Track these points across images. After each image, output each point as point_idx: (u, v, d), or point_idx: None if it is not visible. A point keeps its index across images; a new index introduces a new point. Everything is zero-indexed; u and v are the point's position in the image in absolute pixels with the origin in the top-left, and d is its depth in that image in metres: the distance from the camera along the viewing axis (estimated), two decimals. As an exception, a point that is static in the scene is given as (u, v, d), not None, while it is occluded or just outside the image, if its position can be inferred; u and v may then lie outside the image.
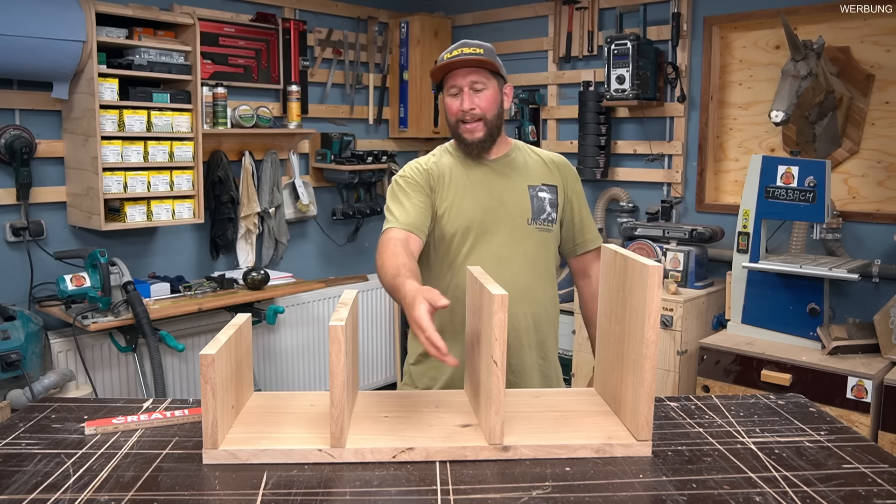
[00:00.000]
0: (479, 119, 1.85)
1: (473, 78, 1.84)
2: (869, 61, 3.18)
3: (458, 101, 1.85)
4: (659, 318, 1.24)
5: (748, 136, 3.57)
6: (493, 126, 1.87)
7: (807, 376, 2.74)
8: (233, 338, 1.33)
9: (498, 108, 1.88)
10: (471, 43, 1.88)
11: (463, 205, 1.87)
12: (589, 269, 2.03)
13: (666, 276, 3.30)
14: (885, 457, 1.28)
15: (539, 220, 1.91)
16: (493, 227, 1.87)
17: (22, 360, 2.69)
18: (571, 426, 1.36)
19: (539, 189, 1.93)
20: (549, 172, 1.97)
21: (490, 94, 1.86)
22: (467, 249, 1.87)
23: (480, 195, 1.89)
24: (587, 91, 3.82)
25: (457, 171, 1.91)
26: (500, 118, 1.90)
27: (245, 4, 3.79)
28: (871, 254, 3.09)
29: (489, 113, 1.86)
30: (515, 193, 1.90)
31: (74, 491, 1.13)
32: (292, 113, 3.86)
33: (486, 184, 1.90)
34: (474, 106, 1.84)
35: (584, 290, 2.05)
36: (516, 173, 1.93)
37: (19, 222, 3.09)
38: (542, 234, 1.92)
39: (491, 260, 1.84)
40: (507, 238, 1.88)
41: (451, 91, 1.87)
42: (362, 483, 1.17)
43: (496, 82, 1.88)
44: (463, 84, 1.84)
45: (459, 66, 1.84)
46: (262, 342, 3.84)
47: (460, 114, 1.85)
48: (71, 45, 2.87)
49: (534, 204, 1.91)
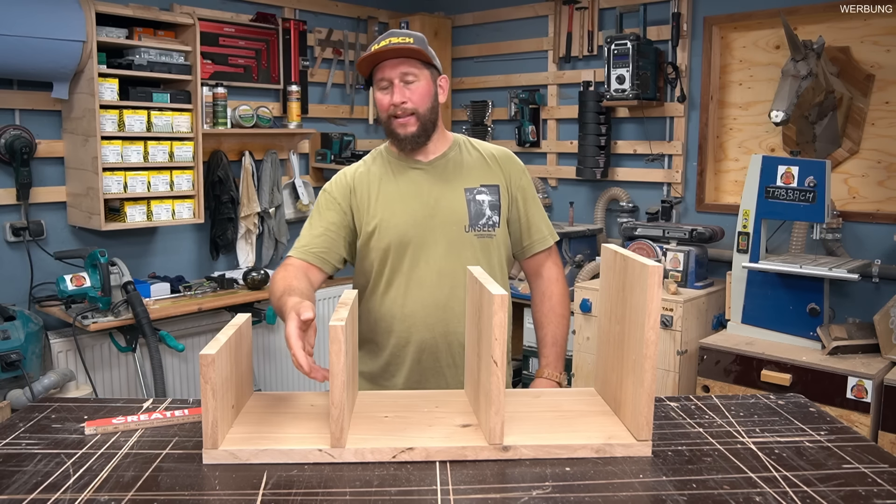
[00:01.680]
0: (411, 113, 1.73)
1: (403, 69, 1.72)
2: (869, 61, 3.17)
3: (389, 95, 1.73)
4: (659, 318, 1.23)
5: (748, 136, 3.57)
6: (426, 120, 1.76)
7: (807, 376, 2.74)
8: (233, 338, 1.33)
9: (432, 101, 1.76)
10: (399, 32, 1.77)
11: (394, 218, 1.77)
12: (541, 268, 1.91)
13: (666, 276, 3.30)
14: (885, 457, 1.28)
15: (478, 226, 1.79)
16: (429, 238, 1.77)
17: (22, 360, 2.69)
18: (571, 426, 1.36)
19: (477, 192, 1.80)
20: (489, 171, 1.84)
21: (422, 87, 1.74)
22: (407, 266, 1.77)
23: (413, 206, 1.78)
24: (587, 91, 3.82)
25: (387, 180, 1.81)
26: (434, 112, 1.78)
27: (245, 4, 3.79)
28: (871, 254, 3.09)
29: (422, 107, 1.74)
30: (450, 200, 1.78)
31: (74, 491, 1.13)
32: (292, 113, 3.86)
33: (418, 193, 1.79)
34: (405, 99, 1.72)
35: (535, 291, 1.92)
36: (452, 176, 1.81)
37: (19, 222, 3.09)
38: (482, 240, 1.79)
39: (431, 275, 1.76)
40: (445, 250, 1.77)
41: (380, 84, 1.75)
42: (362, 483, 1.17)
43: (429, 73, 1.76)
44: (392, 76, 1.72)
45: (387, 56, 1.71)
46: (262, 342, 3.84)
47: (391, 108, 1.73)
48: (71, 45, 2.87)
49: (471, 209, 1.79)
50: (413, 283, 1.77)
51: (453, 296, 1.76)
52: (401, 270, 1.78)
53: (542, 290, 1.90)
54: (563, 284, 1.93)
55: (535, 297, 1.92)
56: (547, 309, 1.89)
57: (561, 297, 1.90)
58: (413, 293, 1.77)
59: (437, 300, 1.77)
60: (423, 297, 1.77)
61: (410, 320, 1.78)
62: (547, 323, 1.88)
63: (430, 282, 1.77)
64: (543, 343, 1.88)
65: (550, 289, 1.90)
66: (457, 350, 1.79)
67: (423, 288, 1.77)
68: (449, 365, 1.80)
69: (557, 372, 1.85)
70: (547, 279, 1.90)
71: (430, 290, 1.77)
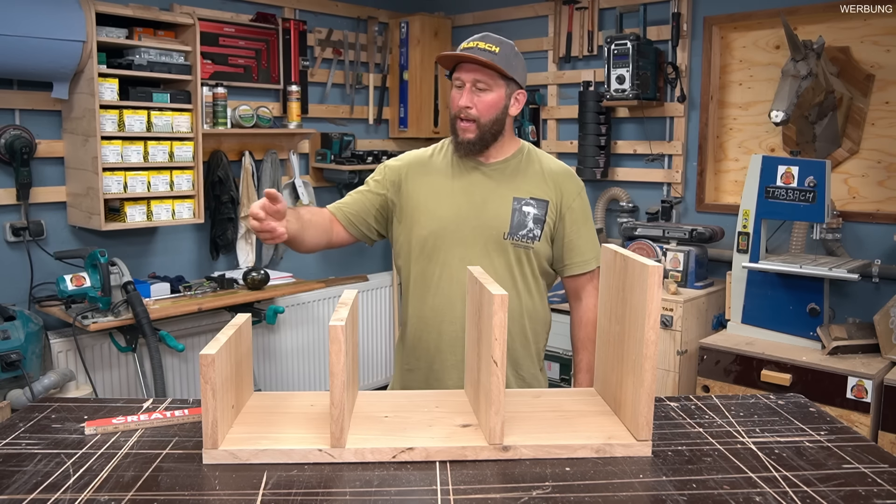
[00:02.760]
0: (473, 120, 1.78)
1: (479, 77, 1.76)
2: (869, 61, 3.18)
3: (459, 96, 1.79)
4: (659, 318, 1.23)
5: (748, 136, 3.57)
6: (486, 131, 1.79)
7: (807, 376, 2.74)
8: (233, 338, 1.33)
9: (497, 113, 1.79)
10: (492, 38, 1.79)
11: (438, 210, 1.82)
12: (581, 291, 1.92)
13: (666, 276, 3.30)
14: (885, 457, 1.28)
15: (517, 235, 1.82)
16: (467, 237, 1.81)
17: (22, 360, 2.69)
18: (571, 426, 1.36)
19: (525, 203, 1.83)
20: (543, 185, 1.86)
21: (492, 98, 1.77)
22: (442, 258, 1.81)
23: (459, 202, 1.82)
24: (587, 91, 3.82)
25: (443, 173, 1.86)
26: (498, 124, 1.80)
27: (245, 4, 3.79)
28: (871, 254, 3.09)
29: (485, 117, 1.77)
30: (497, 205, 1.82)
31: (74, 491, 1.13)
32: (292, 113, 3.86)
33: (469, 191, 1.83)
34: (471, 105, 1.77)
35: (573, 313, 1.95)
36: (505, 182, 1.84)
37: (19, 222, 3.09)
38: (517, 249, 1.82)
39: (463, 271, 1.78)
40: (481, 250, 1.81)
41: (456, 82, 1.80)
42: (362, 483, 1.17)
43: (504, 86, 1.79)
44: (466, 80, 1.77)
45: (467, 60, 1.77)
46: (262, 342, 3.84)
47: (457, 109, 1.79)
48: (71, 45, 2.87)
49: (514, 218, 1.82)
50: (445, 275, 1.82)
51: None
52: (436, 261, 1.83)
53: (579, 315, 1.94)
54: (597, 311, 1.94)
55: (574, 321, 1.96)
56: (584, 335, 1.93)
57: (594, 325, 1.91)
58: (444, 285, 1.82)
59: (464, 296, 1.80)
60: (450, 291, 1.82)
61: (438, 311, 1.83)
62: (582, 349, 1.93)
63: (460, 278, 1.80)
64: (578, 368, 1.94)
65: (587, 315, 1.93)
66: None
67: (452, 282, 1.82)
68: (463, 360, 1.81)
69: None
70: (585, 305, 1.93)
71: (459, 286, 1.81)
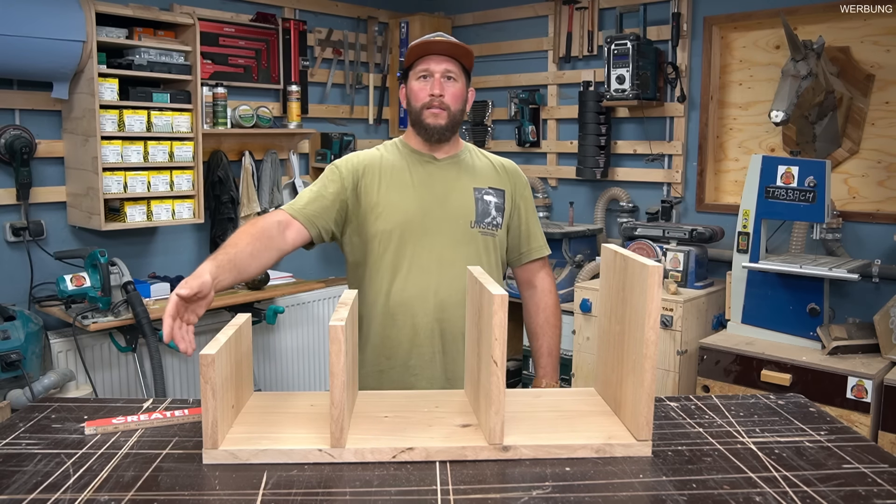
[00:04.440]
0: (444, 108, 1.80)
1: (448, 66, 1.79)
2: (869, 61, 3.17)
3: (428, 86, 1.79)
4: (659, 318, 1.24)
5: (748, 136, 3.57)
6: (454, 120, 1.82)
7: (807, 376, 2.74)
8: (233, 338, 1.33)
9: (462, 104, 1.84)
10: (446, 36, 1.84)
11: (402, 203, 1.81)
12: (534, 279, 1.96)
13: (666, 276, 3.30)
14: (885, 457, 1.28)
15: (483, 223, 1.84)
16: (433, 228, 1.81)
17: (22, 360, 2.69)
18: (571, 426, 1.36)
19: (485, 192, 1.86)
20: (497, 177, 1.91)
21: (459, 89, 1.81)
22: (410, 250, 1.80)
23: (422, 194, 1.82)
24: (587, 91, 3.82)
25: (400, 168, 1.85)
26: (461, 115, 1.84)
27: (245, 4, 3.79)
28: (871, 254, 3.09)
29: (454, 106, 1.81)
30: (460, 194, 1.84)
31: (74, 491, 1.13)
32: (292, 113, 3.86)
33: (429, 183, 1.84)
34: (443, 93, 1.78)
35: (529, 300, 1.97)
36: (463, 174, 1.87)
37: (19, 222, 3.09)
38: (485, 237, 1.85)
39: (432, 262, 1.80)
40: (448, 240, 1.81)
41: (420, 74, 1.80)
42: (362, 483, 1.17)
43: (465, 80, 1.84)
44: (436, 70, 1.79)
45: (438, 50, 1.79)
46: (262, 342, 3.84)
47: (428, 98, 1.79)
48: (71, 45, 2.87)
49: (478, 206, 1.84)
50: (414, 267, 1.80)
51: (451, 286, 1.79)
52: (404, 255, 1.80)
53: (536, 300, 1.95)
54: (556, 295, 1.98)
55: (530, 308, 1.97)
56: (542, 320, 1.93)
57: (555, 308, 1.95)
58: (413, 277, 1.80)
59: (436, 287, 1.80)
60: (422, 282, 1.80)
61: (408, 304, 1.80)
62: (542, 334, 1.93)
63: (430, 269, 1.80)
64: (540, 353, 1.93)
65: (545, 300, 1.95)
66: (448, 338, 1.81)
67: (423, 273, 1.80)
68: (439, 351, 1.82)
69: (555, 381, 1.91)
70: (541, 290, 1.96)
71: (430, 277, 1.80)
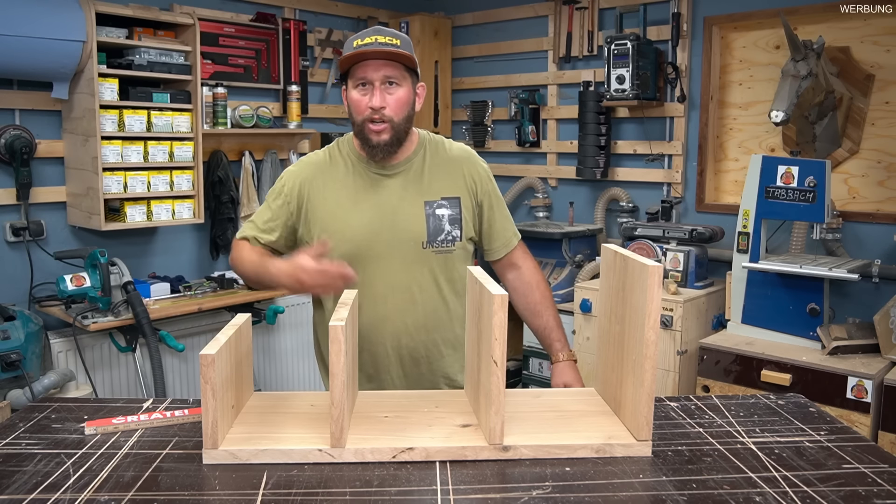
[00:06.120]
0: (386, 121, 1.65)
1: (387, 73, 1.63)
2: (869, 61, 3.17)
3: (367, 97, 1.64)
4: (659, 318, 1.24)
5: (748, 136, 3.57)
6: (400, 130, 1.68)
7: (807, 376, 2.74)
8: (233, 338, 1.33)
9: (409, 109, 1.69)
10: (385, 31, 1.66)
11: (348, 230, 1.70)
12: (514, 261, 1.86)
13: (666, 276, 3.30)
14: (885, 457, 1.28)
15: (436, 242, 1.72)
16: (384, 251, 1.70)
17: (22, 360, 2.69)
18: (571, 426, 1.36)
19: (437, 205, 1.73)
20: (450, 181, 1.77)
21: (403, 95, 1.66)
22: (361, 274, 1.64)
23: (369, 217, 1.71)
24: (587, 91, 3.82)
25: (345, 184, 1.73)
26: (409, 121, 1.71)
27: (245, 4, 3.79)
28: (871, 254, 3.09)
29: (398, 115, 1.66)
30: (409, 214, 1.72)
31: (74, 491, 1.13)
32: (292, 113, 3.86)
33: (376, 203, 1.72)
34: (384, 105, 1.64)
35: (517, 280, 1.86)
36: (412, 185, 1.74)
37: (19, 222, 3.09)
38: (440, 256, 1.74)
39: (384, 288, 1.71)
40: (400, 264, 1.71)
41: (358, 82, 1.65)
42: (362, 483, 1.17)
43: (410, 80, 1.69)
44: (374, 78, 1.63)
45: (373, 56, 1.62)
46: (262, 342, 3.84)
47: (368, 112, 1.64)
48: (71, 45, 2.87)
49: (430, 224, 1.72)
50: (367, 296, 1.70)
51: (406, 310, 1.73)
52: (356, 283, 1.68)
53: (525, 279, 1.86)
54: (541, 271, 1.91)
55: (521, 288, 1.86)
56: (539, 296, 1.84)
57: (545, 284, 1.88)
58: (366, 306, 1.71)
59: (389, 315, 1.73)
60: (375, 312, 1.72)
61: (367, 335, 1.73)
62: (544, 310, 1.84)
63: (382, 296, 1.72)
64: (548, 328, 1.83)
65: (534, 277, 1.86)
66: (408, 363, 1.76)
67: (376, 302, 1.72)
68: (400, 376, 1.77)
69: (570, 351, 1.82)
70: (525, 269, 1.86)
71: (383, 305, 1.72)
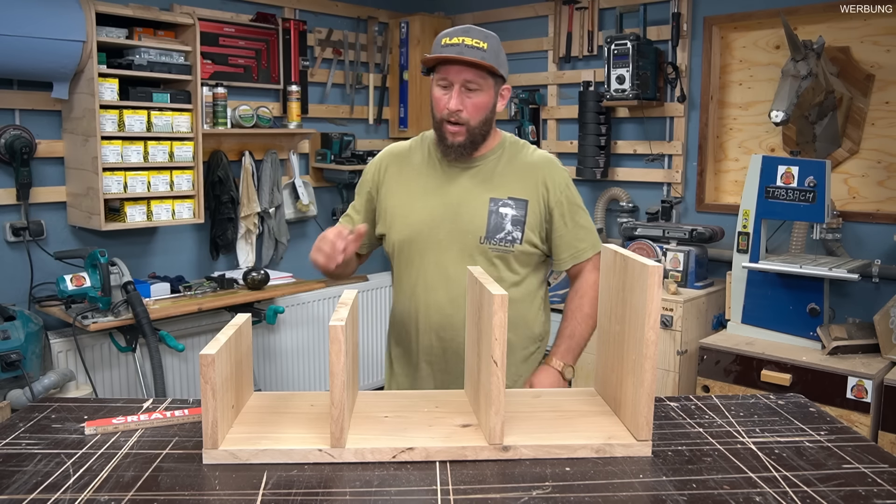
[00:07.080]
0: (462, 124, 1.68)
1: (469, 77, 1.65)
2: (869, 61, 3.17)
3: (447, 98, 1.67)
4: (659, 318, 1.23)
5: (748, 136, 3.57)
6: (476, 133, 1.71)
7: (807, 376, 2.74)
8: (233, 338, 1.33)
9: (487, 114, 1.71)
10: (475, 31, 1.66)
11: (412, 215, 1.77)
12: (579, 274, 1.86)
13: (666, 276, 3.30)
14: (885, 457, 1.28)
15: (494, 239, 1.74)
16: (443, 241, 1.74)
17: (22, 360, 2.69)
18: (571, 426, 1.36)
19: (502, 203, 1.75)
20: (523, 184, 1.77)
21: (482, 99, 1.68)
22: (417, 264, 1.76)
23: (433, 205, 1.76)
24: (587, 91, 3.82)
25: (421, 171, 1.79)
26: (487, 124, 1.73)
27: (245, 4, 3.79)
28: (871, 254, 3.09)
29: (475, 119, 1.69)
30: (473, 206, 1.74)
31: (74, 491, 1.13)
32: (292, 113, 3.86)
33: (444, 192, 1.76)
34: (462, 108, 1.67)
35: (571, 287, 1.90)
36: (483, 182, 1.76)
37: (19, 222, 3.09)
38: (498, 254, 1.75)
39: (438, 276, 1.75)
40: (457, 255, 1.74)
41: (440, 82, 1.68)
42: (362, 483, 1.17)
43: (493, 84, 1.70)
44: (455, 80, 1.66)
45: (455, 63, 1.64)
46: (262, 342, 3.84)
47: (446, 112, 1.68)
48: (71, 45, 2.87)
49: (490, 220, 1.74)
50: (420, 282, 1.78)
51: (454, 302, 1.75)
52: (412, 267, 1.79)
53: (576, 287, 1.86)
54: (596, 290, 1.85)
55: (569, 294, 1.88)
56: (575, 306, 1.84)
57: (592, 300, 1.83)
58: (420, 293, 1.79)
59: (441, 304, 1.77)
60: (428, 299, 1.78)
61: (417, 319, 1.81)
62: (570, 318, 1.84)
63: (437, 285, 1.77)
64: (560, 335, 1.84)
65: (584, 288, 1.85)
66: (451, 356, 1.78)
67: (428, 290, 1.78)
68: (441, 370, 1.81)
69: (562, 362, 1.80)
70: (584, 281, 1.85)
71: (435, 293, 1.77)
